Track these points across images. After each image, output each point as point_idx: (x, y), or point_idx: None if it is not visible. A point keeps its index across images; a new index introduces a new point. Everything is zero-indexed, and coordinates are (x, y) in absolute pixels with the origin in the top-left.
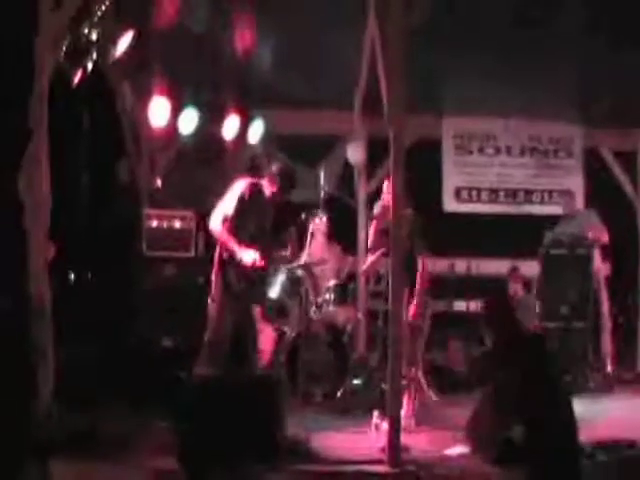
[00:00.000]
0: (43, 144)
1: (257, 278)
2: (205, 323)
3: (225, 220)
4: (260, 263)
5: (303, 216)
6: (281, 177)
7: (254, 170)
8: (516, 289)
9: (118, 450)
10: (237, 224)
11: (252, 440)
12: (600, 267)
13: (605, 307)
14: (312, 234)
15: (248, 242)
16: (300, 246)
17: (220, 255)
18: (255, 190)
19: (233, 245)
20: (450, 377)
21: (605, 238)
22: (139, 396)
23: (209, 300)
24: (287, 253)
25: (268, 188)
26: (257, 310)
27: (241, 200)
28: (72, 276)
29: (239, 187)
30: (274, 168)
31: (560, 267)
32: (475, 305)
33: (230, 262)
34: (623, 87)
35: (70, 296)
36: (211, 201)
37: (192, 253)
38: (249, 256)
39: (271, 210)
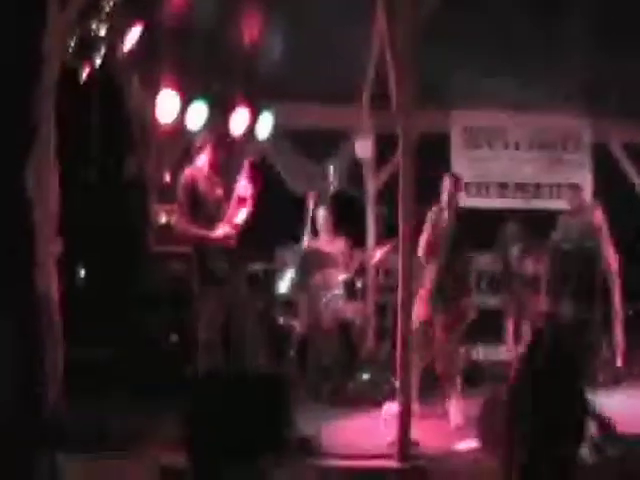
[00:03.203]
0: (51, 140)
1: (238, 258)
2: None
3: (182, 214)
4: (231, 231)
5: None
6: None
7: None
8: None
9: (126, 445)
10: (194, 213)
11: (261, 435)
12: (610, 260)
13: (615, 300)
14: (319, 228)
15: (209, 224)
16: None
17: (195, 251)
18: (195, 176)
19: (199, 232)
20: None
21: (612, 232)
22: (147, 391)
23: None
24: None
25: (209, 165)
26: None
27: (186, 191)
28: (81, 272)
29: (182, 179)
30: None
31: (569, 261)
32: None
33: (203, 249)
34: (632, 79)
35: (78, 291)
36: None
37: None
38: (218, 231)
39: (218, 183)
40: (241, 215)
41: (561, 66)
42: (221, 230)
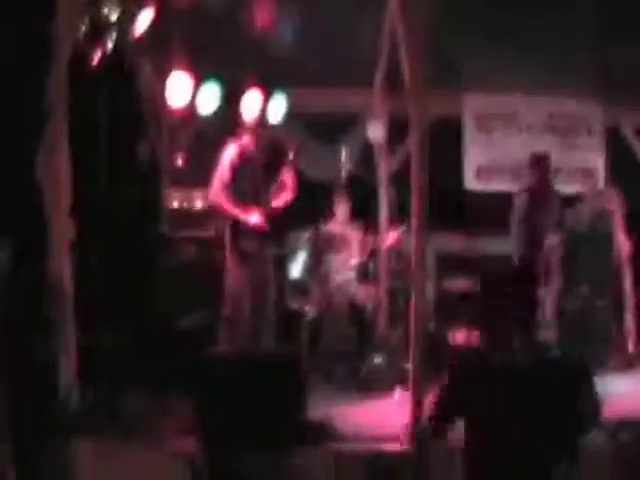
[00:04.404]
0: (62, 125)
1: (267, 238)
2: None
3: (222, 188)
4: (261, 223)
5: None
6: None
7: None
8: None
9: (139, 430)
10: (233, 189)
11: (273, 419)
12: (622, 245)
13: (627, 285)
14: (335, 212)
15: (245, 204)
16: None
17: (229, 225)
18: (243, 152)
19: (234, 210)
20: None
21: (626, 216)
22: (160, 376)
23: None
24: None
25: (253, 147)
26: None
27: (232, 165)
28: (94, 257)
29: (228, 153)
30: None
31: (581, 245)
32: None
33: (237, 227)
34: None
35: (92, 277)
36: None
37: (213, 232)
38: (251, 218)
39: (261, 169)
40: (280, 201)
41: (574, 50)
42: (254, 217)
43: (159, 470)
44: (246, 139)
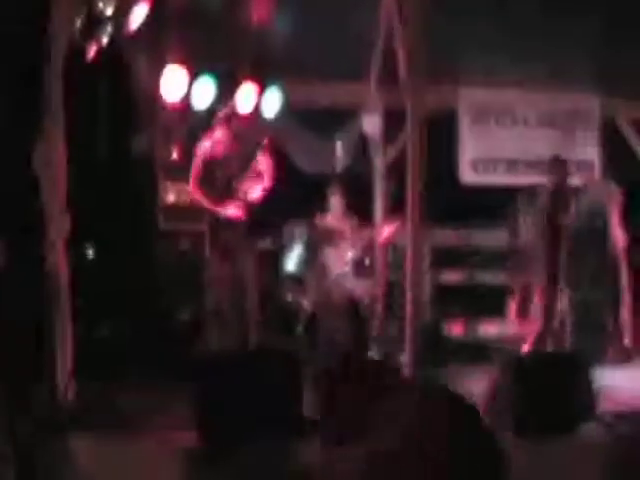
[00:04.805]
0: (59, 119)
1: (247, 232)
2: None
3: (195, 183)
4: (239, 215)
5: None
6: None
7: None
8: None
9: (139, 424)
10: (208, 183)
11: (271, 412)
12: (618, 238)
13: (624, 278)
14: (330, 206)
15: (221, 197)
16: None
17: (209, 222)
18: (216, 146)
19: (209, 204)
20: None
21: (622, 209)
22: (157, 370)
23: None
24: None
25: (228, 139)
26: None
27: (205, 160)
28: (90, 250)
29: (201, 148)
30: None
31: (577, 238)
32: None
33: (216, 221)
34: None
35: (88, 270)
36: None
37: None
38: (226, 210)
39: (236, 160)
40: (256, 191)
41: (570, 42)
42: (230, 210)
43: (157, 464)
44: (219, 132)
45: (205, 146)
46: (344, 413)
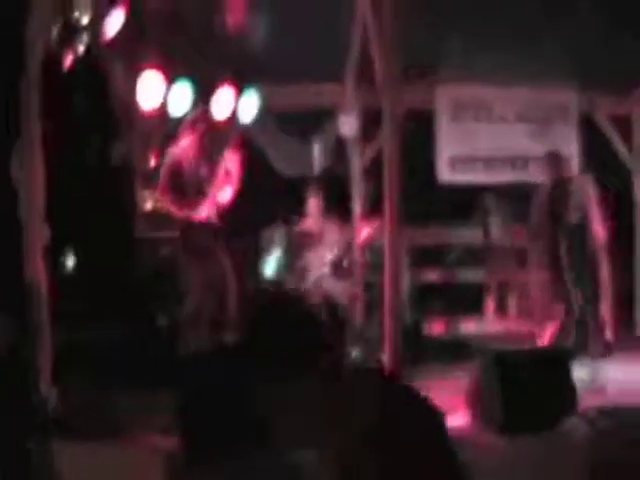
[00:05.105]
0: (36, 129)
1: (221, 235)
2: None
3: (163, 191)
4: (209, 217)
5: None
6: None
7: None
8: None
9: (120, 429)
10: (177, 189)
11: (253, 416)
12: (598, 232)
13: (604, 272)
14: (309, 208)
15: (190, 201)
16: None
17: (181, 228)
18: (184, 152)
19: (179, 210)
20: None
21: (601, 204)
22: (139, 375)
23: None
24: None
25: (195, 144)
26: None
27: (171, 167)
28: (69, 258)
29: (169, 155)
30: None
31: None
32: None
33: (188, 225)
34: (617, 51)
35: (67, 278)
36: None
37: None
38: (196, 213)
39: (205, 164)
40: (226, 193)
41: (548, 38)
42: (202, 211)
43: (140, 468)
44: (186, 138)
45: (173, 152)
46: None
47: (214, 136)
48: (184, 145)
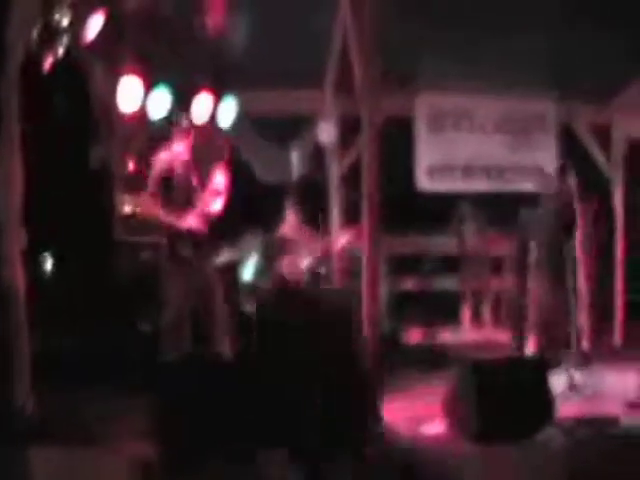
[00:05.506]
0: (14, 130)
1: (206, 245)
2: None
3: (151, 196)
4: (197, 226)
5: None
6: None
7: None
8: None
9: (98, 436)
10: (165, 195)
11: (231, 423)
12: (577, 243)
13: (581, 283)
14: (286, 214)
15: (178, 209)
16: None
17: (166, 236)
18: (174, 158)
19: (165, 217)
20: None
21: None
22: (118, 381)
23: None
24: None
25: (186, 151)
26: None
27: (160, 173)
28: (47, 262)
29: (158, 161)
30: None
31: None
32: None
33: (174, 233)
34: (596, 61)
35: (47, 283)
36: None
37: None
38: (184, 222)
39: (195, 172)
40: (215, 205)
41: (527, 48)
42: (190, 221)
43: (116, 475)
44: (179, 145)
45: (163, 159)
46: None
47: (200, 144)
48: (177, 151)
